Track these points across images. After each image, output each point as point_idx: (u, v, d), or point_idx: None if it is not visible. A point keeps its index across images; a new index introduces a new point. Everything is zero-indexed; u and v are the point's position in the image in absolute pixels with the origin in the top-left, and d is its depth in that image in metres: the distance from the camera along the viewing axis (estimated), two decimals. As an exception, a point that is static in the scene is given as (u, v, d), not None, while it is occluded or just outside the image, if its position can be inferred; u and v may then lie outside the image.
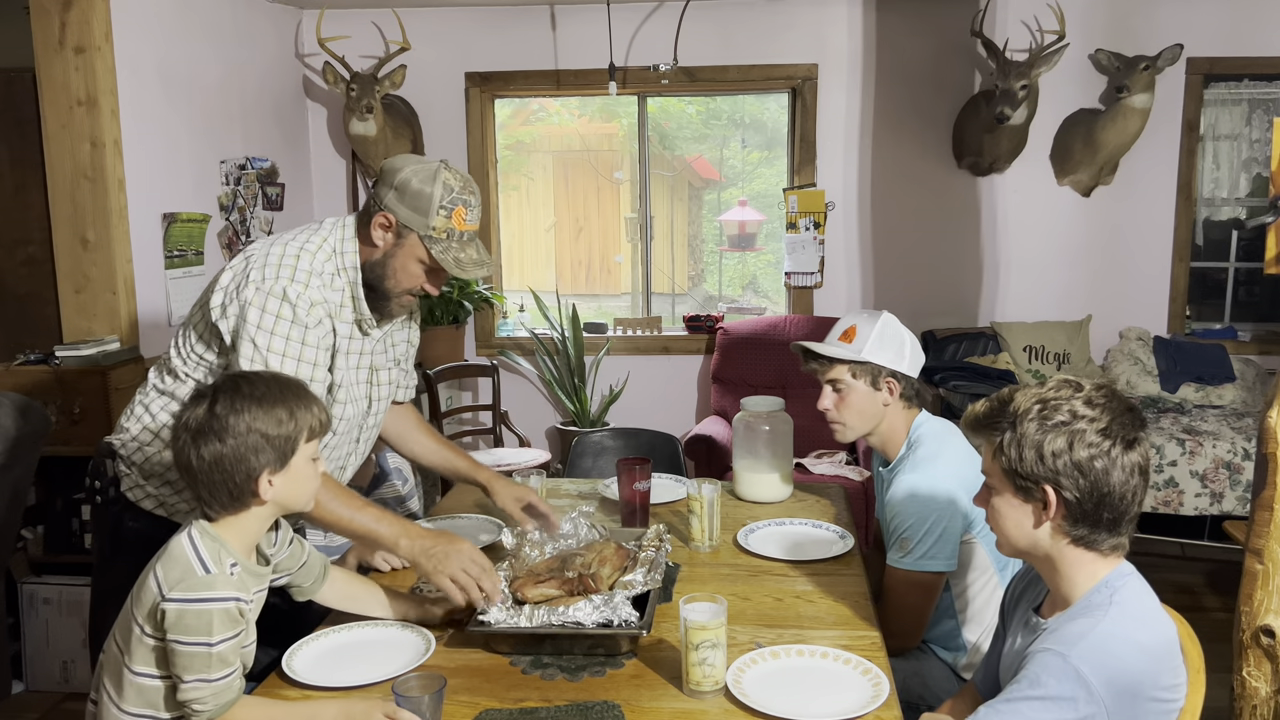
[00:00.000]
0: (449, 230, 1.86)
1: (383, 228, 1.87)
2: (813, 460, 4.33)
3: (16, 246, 4.64)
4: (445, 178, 1.85)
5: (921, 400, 2.23)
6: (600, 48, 4.80)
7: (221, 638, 1.48)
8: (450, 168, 1.88)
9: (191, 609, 1.47)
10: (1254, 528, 1.98)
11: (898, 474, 2.12)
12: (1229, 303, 5.09)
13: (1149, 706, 1.39)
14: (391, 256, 1.89)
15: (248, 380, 1.59)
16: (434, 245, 1.86)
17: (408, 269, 1.89)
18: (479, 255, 1.91)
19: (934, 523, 2.00)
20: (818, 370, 2.20)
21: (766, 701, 1.57)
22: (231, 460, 1.52)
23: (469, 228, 1.88)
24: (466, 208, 1.87)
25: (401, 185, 1.85)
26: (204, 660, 1.48)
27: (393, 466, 2.61)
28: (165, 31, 3.86)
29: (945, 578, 2.07)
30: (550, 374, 5.03)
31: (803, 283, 5.02)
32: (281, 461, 1.56)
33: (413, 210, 1.85)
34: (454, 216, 1.85)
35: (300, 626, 2.06)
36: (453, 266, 1.86)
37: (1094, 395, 1.45)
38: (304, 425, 1.58)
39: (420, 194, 1.84)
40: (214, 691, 1.49)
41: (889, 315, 2.17)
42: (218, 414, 1.53)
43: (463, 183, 1.87)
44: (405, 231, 1.87)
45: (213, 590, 1.49)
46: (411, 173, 1.85)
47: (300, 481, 1.60)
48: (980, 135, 4.62)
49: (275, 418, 1.55)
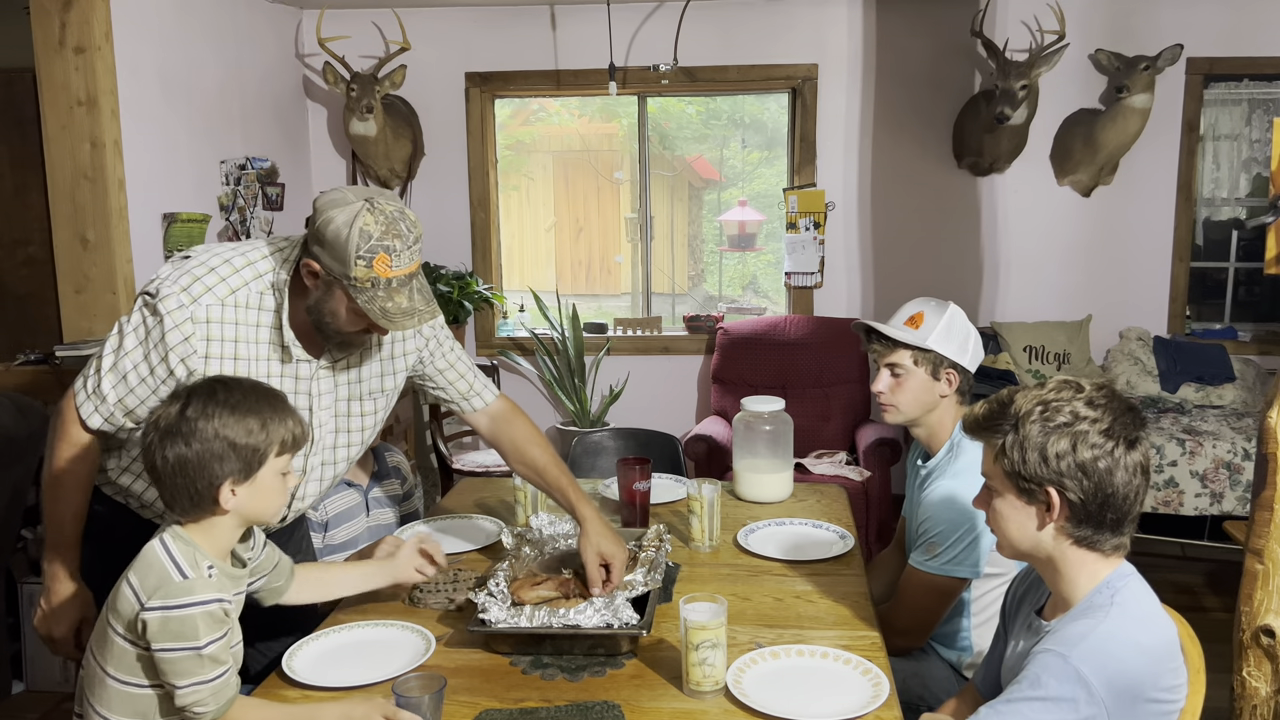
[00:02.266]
0: (373, 279, 1.67)
1: (311, 275, 1.73)
2: (813, 460, 4.34)
3: (16, 246, 4.65)
4: (363, 223, 1.65)
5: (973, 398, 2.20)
6: (600, 48, 4.80)
7: (209, 639, 1.47)
8: (374, 208, 1.67)
9: (174, 615, 1.46)
10: (1254, 528, 1.98)
11: (936, 476, 2.09)
12: (1229, 303, 5.09)
13: (1149, 707, 1.39)
14: (322, 302, 1.75)
15: (224, 385, 1.56)
16: (359, 295, 1.68)
17: (339, 315, 1.75)
18: (410, 303, 1.71)
19: (966, 531, 1.98)
20: (879, 352, 2.14)
21: (766, 702, 1.57)
22: (194, 465, 1.49)
23: (396, 274, 1.68)
24: (390, 254, 1.66)
25: (320, 231, 1.68)
26: (195, 664, 1.47)
27: (391, 465, 2.61)
28: (165, 32, 3.86)
29: (967, 584, 2.05)
30: (550, 374, 5.03)
31: (803, 283, 5.02)
32: (246, 473, 1.52)
33: (333, 259, 1.68)
34: (375, 265, 1.66)
35: (299, 626, 2.07)
36: (379, 318, 1.69)
37: (1095, 396, 1.45)
38: (275, 438, 1.54)
39: (337, 242, 1.66)
40: (213, 691, 1.48)
41: (956, 307, 2.13)
42: (188, 416, 1.50)
43: (385, 226, 1.66)
44: (330, 279, 1.71)
45: (193, 595, 1.47)
46: (330, 217, 1.67)
47: (266, 495, 1.56)
48: (980, 135, 4.62)
49: (246, 427, 1.51)
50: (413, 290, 1.73)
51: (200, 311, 1.73)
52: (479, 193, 5.10)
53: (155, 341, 1.73)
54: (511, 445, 2.14)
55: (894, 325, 2.14)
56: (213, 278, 1.75)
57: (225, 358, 1.76)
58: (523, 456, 2.13)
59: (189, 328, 1.72)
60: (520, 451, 2.13)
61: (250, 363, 1.79)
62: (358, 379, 1.95)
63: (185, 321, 1.72)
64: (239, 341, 1.77)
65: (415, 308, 1.72)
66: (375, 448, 2.54)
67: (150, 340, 1.73)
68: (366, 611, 1.98)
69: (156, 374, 1.74)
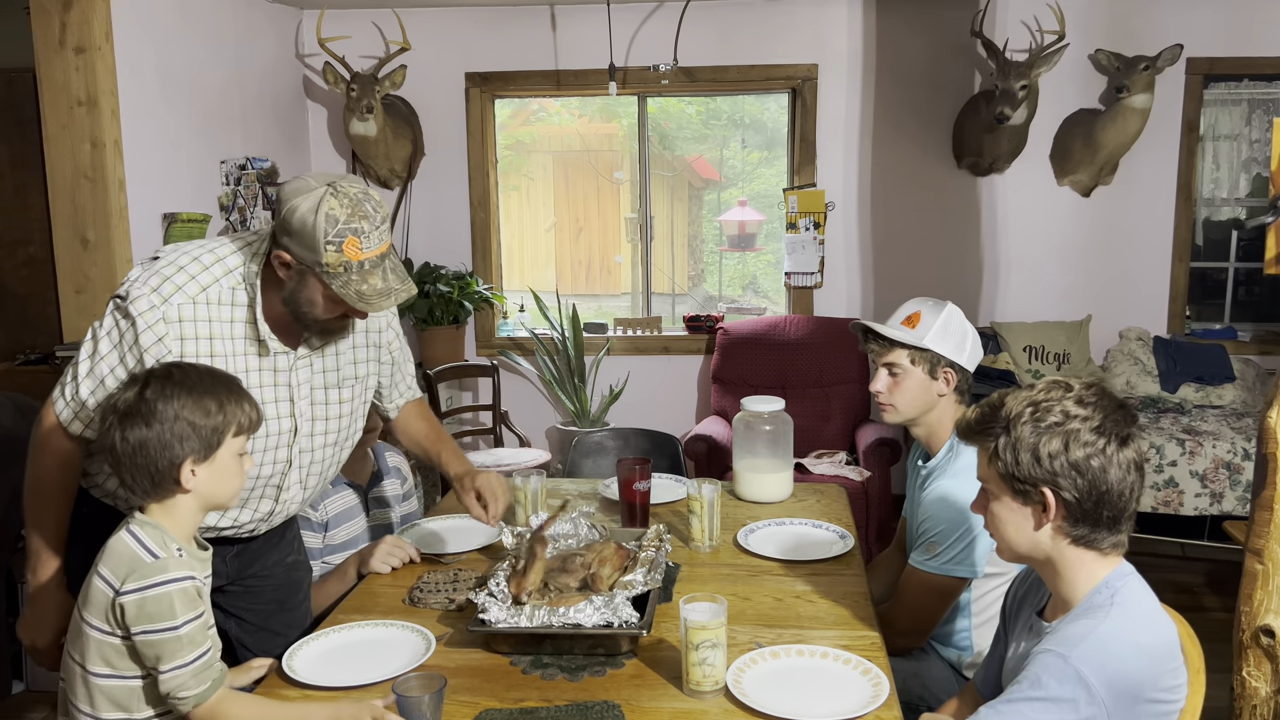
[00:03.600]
0: (344, 264, 1.67)
1: (283, 266, 1.73)
2: (813, 460, 4.34)
3: (16, 247, 4.64)
4: (329, 207, 1.65)
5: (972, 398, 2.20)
6: (600, 48, 4.80)
7: (185, 619, 1.50)
8: (338, 192, 1.66)
9: (150, 595, 1.49)
10: (1254, 528, 1.98)
11: (936, 476, 2.09)
12: (1229, 303, 5.09)
13: (1149, 707, 1.39)
14: (297, 293, 1.74)
15: (180, 369, 1.60)
16: (332, 281, 1.68)
17: (316, 303, 1.74)
18: (385, 283, 1.71)
19: (966, 531, 1.98)
20: (876, 352, 2.15)
21: (766, 702, 1.57)
22: (156, 446, 1.53)
23: (367, 255, 1.68)
24: (359, 235, 1.66)
25: (286, 219, 1.67)
26: (174, 645, 1.49)
27: (391, 465, 2.61)
28: (165, 31, 3.86)
29: (967, 584, 2.05)
30: (550, 374, 5.03)
31: (803, 283, 5.02)
32: (206, 452, 1.57)
33: (302, 248, 1.67)
34: (345, 249, 1.66)
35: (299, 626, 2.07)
36: (355, 301, 1.69)
37: (1084, 394, 1.45)
38: (233, 419, 1.59)
39: (304, 230, 1.66)
40: (193, 673, 1.50)
41: (954, 306, 2.14)
42: (147, 399, 1.54)
43: (351, 208, 1.66)
44: (302, 269, 1.70)
45: (166, 573, 1.51)
46: (295, 205, 1.66)
47: (224, 476, 1.61)
48: (980, 135, 4.62)
49: (204, 408, 1.56)
50: (386, 270, 1.72)
51: (172, 311, 1.73)
52: (479, 193, 5.10)
53: (129, 344, 1.73)
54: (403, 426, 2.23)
55: (891, 325, 2.15)
56: (182, 276, 1.75)
57: (201, 355, 1.76)
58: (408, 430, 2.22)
59: (161, 328, 1.72)
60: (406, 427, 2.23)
61: (227, 359, 1.79)
62: (335, 366, 1.95)
63: (158, 322, 1.72)
64: (214, 339, 1.77)
65: (391, 287, 1.72)
66: (375, 447, 2.54)
67: (124, 343, 1.73)
68: (367, 611, 1.98)
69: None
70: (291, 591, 2.09)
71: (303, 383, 1.89)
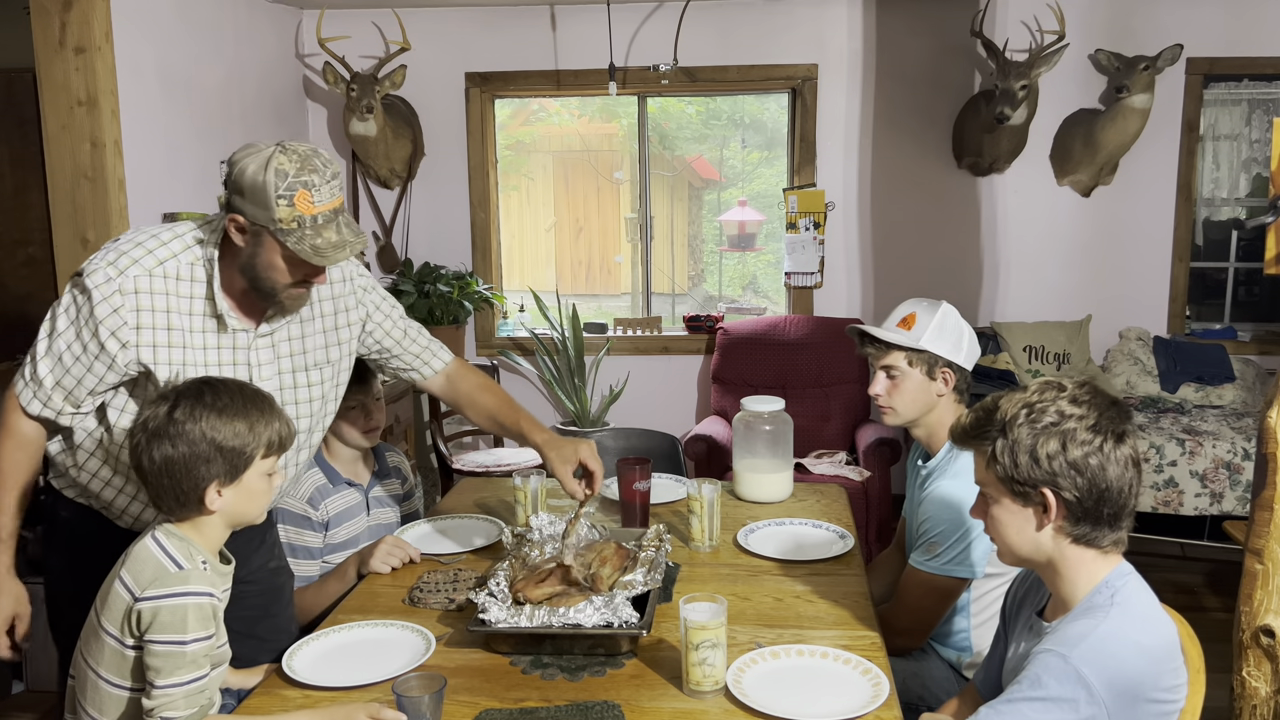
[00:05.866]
0: (297, 219, 1.67)
1: (238, 230, 1.72)
2: (813, 460, 4.34)
3: (16, 247, 4.65)
4: (278, 163, 1.66)
5: (972, 397, 2.20)
6: (600, 48, 4.80)
7: (195, 636, 1.49)
8: (286, 149, 1.68)
9: (166, 605, 1.48)
10: (1254, 528, 1.98)
11: (936, 476, 2.09)
12: (1229, 303, 5.09)
13: (1150, 707, 1.39)
14: (255, 257, 1.73)
15: (212, 387, 1.58)
16: (287, 238, 1.68)
17: (275, 265, 1.74)
18: (340, 236, 1.71)
19: (966, 531, 1.97)
20: (873, 355, 2.15)
21: (766, 701, 1.57)
22: (181, 467, 1.52)
23: (321, 209, 1.69)
24: (309, 189, 1.67)
25: (238, 181, 1.68)
26: (176, 660, 1.48)
27: (392, 465, 2.61)
28: (165, 31, 3.86)
29: (967, 584, 2.05)
30: (550, 374, 5.03)
31: (803, 283, 5.02)
32: (233, 475, 1.55)
33: (255, 205, 1.67)
34: (297, 203, 1.66)
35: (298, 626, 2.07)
36: (311, 256, 1.68)
37: (1078, 393, 1.46)
38: (262, 440, 1.57)
39: (255, 186, 1.66)
40: (185, 694, 1.49)
41: (949, 306, 2.14)
42: (175, 418, 1.53)
43: (299, 163, 1.67)
44: (257, 229, 1.70)
45: (188, 585, 1.50)
46: (244, 166, 1.67)
47: (252, 496, 1.60)
48: (980, 135, 4.62)
49: (233, 429, 1.54)
50: (340, 224, 1.73)
51: (128, 283, 1.73)
52: (479, 193, 5.10)
53: (85, 318, 1.73)
54: (467, 398, 2.24)
55: (887, 328, 2.15)
56: (139, 250, 1.76)
57: (157, 328, 1.76)
58: (476, 404, 2.23)
59: (117, 299, 1.72)
60: (474, 401, 2.23)
61: (184, 333, 1.78)
62: (301, 350, 1.94)
63: (114, 294, 1.72)
64: (170, 312, 1.77)
65: (345, 239, 1.72)
66: (376, 447, 2.54)
67: (81, 318, 1.73)
68: (367, 611, 1.98)
69: (89, 350, 1.74)
70: (275, 597, 2.06)
71: (263, 363, 1.88)
